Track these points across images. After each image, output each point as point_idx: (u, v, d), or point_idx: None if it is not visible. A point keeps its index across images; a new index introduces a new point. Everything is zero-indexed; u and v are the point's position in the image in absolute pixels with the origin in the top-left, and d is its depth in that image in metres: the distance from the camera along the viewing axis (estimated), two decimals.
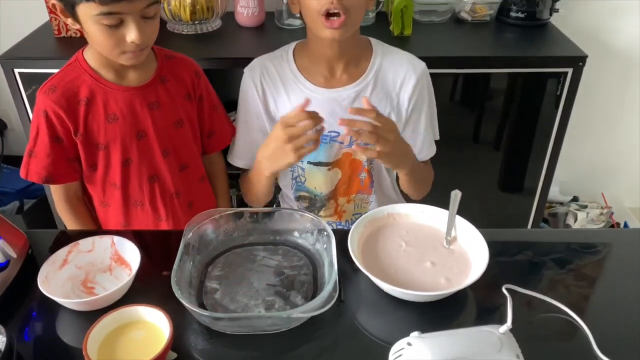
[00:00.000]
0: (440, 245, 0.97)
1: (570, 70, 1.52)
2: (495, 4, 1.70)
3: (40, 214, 1.86)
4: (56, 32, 1.59)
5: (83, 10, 0.95)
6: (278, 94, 1.16)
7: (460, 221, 0.99)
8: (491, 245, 0.92)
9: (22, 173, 1.11)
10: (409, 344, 0.74)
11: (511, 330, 0.77)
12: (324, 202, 1.26)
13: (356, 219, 0.99)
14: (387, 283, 0.86)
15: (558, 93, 1.57)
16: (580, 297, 0.92)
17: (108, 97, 1.07)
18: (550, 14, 1.70)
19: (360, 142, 1.00)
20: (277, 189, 1.35)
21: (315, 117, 0.98)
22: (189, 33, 1.61)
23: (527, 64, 1.55)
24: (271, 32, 1.65)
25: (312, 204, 1.27)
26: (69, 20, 1.01)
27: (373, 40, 1.19)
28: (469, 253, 0.95)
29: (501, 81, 1.60)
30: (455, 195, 1.01)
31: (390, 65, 1.16)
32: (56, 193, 1.16)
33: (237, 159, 1.25)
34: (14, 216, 1.84)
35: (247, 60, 1.49)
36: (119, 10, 0.94)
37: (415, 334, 0.76)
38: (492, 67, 1.56)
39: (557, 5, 1.69)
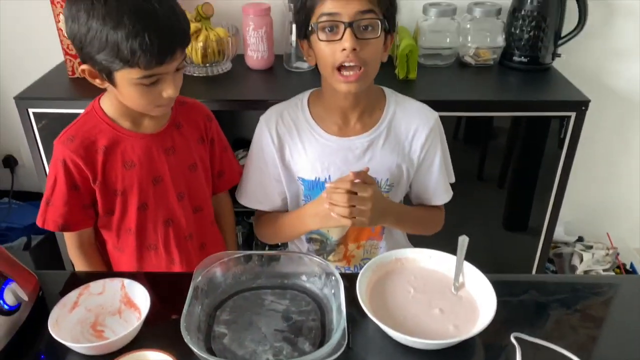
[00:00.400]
0: (449, 291, 0.98)
1: (573, 114, 1.55)
2: (499, 49, 1.74)
3: (47, 250, 1.87)
4: (70, 73, 1.64)
5: (122, 74, 0.97)
6: (293, 143, 1.18)
7: (468, 267, 1.00)
8: (499, 289, 0.92)
9: (38, 221, 1.12)
10: None
11: None
12: (334, 247, 1.27)
13: (364, 264, 1.00)
14: (396, 331, 0.86)
15: (562, 136, 1.59)
16: (587, 338, 0.92)
17: (126, 145, 1.10)
18: (553, 58, 1.74)
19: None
20: None
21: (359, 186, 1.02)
22: (200, 75, 1.65)
23: (530, 108, 1.57)
24: (280, 75, 1.69)
25: (323, 247, 1.28)
26: (97, 81, 1.03)
27: (386, 90, 1.21)
28: (477, 300, 0.96)
29: (505, 122, 1.62)
30: (463, 241, 1.02)
31: (403, 115, 1.18)
32: (70, 239, 1.18)
33: (247, 200, 1.26)
34: (21, 252, 1.84)
35: (257, 103, 1.53)
36: (160, 72, 0.97)
37: None
38: (496, 110, 1.58)
39: (559, 50, 1.73)
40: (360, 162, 1.16)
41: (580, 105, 1.54)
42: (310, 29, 1.06)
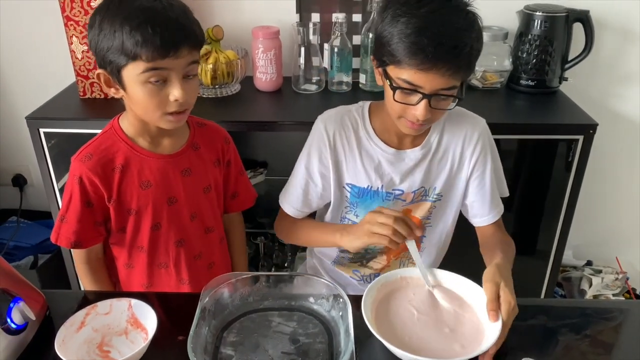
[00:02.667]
0: (453, 311, 0.97)
1: (581, 138, 1.55)
2: (506, 72, 1.75)
3: (54, 269, 1.87)
4: (81, 94, 1.66)
5: (129, 71, 0.98)
6: (350, 149, 1.18)
7: (473, 287, 0.99)
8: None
9: (52, 237, 1.13)
10: None
11: None
12: (376, 254, 1.28)
13: None
14: (402, 350, 0.85)
15: (569, 159, 1.59)
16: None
17: (143, 165, 1.10)
18: (560, 82, 1.75)
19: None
20: None
21: (408, 228, 1.01)
22: (209, 96, 1.67)
23: (538, 131, 1.58)
24: (288, 97, 1.71)
25: (362, 255, 1.28)
26: (112, 91, 1.04)
27: None
28: (482, 320, 0.95)
29: (512, 145, 1.62)
30: (411, 244, 1.02)
31: (452, 124, 1.19)
32: (77, 255, 1.18)
33: (286, 201, 1.25)
34: (28, 271, 1.85)
35: (265, 124, 1.55)
36: (165, 66, 0.97)
37: None
38: (503, 133, 1.58)
39: (566, 73, 1.74)
40: (413, 173, 1.18)
41: (588, 129, 1.54)
42: (388, 79, 1.03)
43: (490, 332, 0.90)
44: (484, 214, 1.23)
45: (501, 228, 1.26)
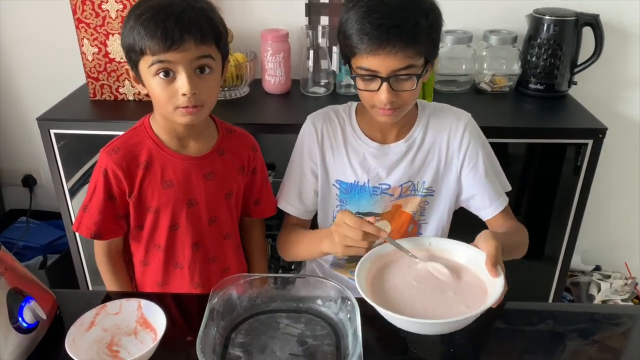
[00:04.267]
0: (451, 276, 0.96)
1: (590, 142, 1.54)
2: (515, 76, 1.75)
3: (63, 269, 1.88)
4: (91, 95, 1.67)
5: (142, 66, 1.02)
6: (337, 145, 1.21)
7: (473, 251, 0.97)
8: (515, 318, 0.91)
9: (74, 226, 1.15)
10: None
11: None
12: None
13: None
14: (404, 316, 0.84)
15: (578, 163, 1.58)
16: None
17: (167, 164, 1.11)
18: (569, 86, 1.74)
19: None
20: None
21: (372, 235, 0.99)
22: (218, 99, 1.67)
23: (546, 135, 1.57)
24: (297, 100, 1.71)
25: (357, 256, 1.28)
26: (140, 87, 1.07)
27: (418, 101, 1.24)
28: (485, 281, 0.93)
29: (520, 149, 1.62)
30: (390, 240, 1.00)
31: (436, 117, 1.21)
32: (98, 246, 1.19)
33: (283, 201, 1.27)
34: (37, 271, 1.86)
35: (273, 127, 1.55)
36: (170, 59, 0.98)
37: None
38: (512, 137, 1.58)
39: (575, 77, 1.73)
40: (398, 167, 1.19)
41: (598, 133, 1.53)
42: (351, 70, 1.09)
43: (493, 288, 0.89)
44: (486, 206, 1.21)
45: (510, 215, 1.24)
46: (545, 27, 1.65)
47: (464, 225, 1.27)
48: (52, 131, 1.56)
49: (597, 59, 1.70)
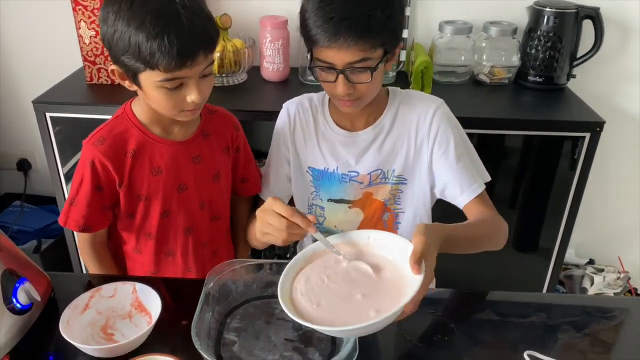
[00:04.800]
0: (373, 275, 0.88)
1: (587, 135, 1.55)
2: (514, 68, 1.75)
3: (57, 254, 1.88)
4: (88, 79, 1.66)
5: (146, 76, 0.98)
6: (308, 132, 1.22)
7: (398, 240, 0.90)
8: (509, 309, 0.91)
9: (60, 221, 1.13)
10: None
11: None
12: None
13: None
14: (301, 319, 0.80)
15: (575, 157, 1.59)
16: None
17: (154, 151, 1.10)
18: (568, 79, 1.74)
19: None
20: None
21: (298, 227, 0.93)
22: (216, 85, 1.66)
23: (544, 127, 1.57)
24: (295, 87, 1.71)
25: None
26: (127, 83, 1.03)
27: (390, 88, 1.23)
28: (404, 275, 0.85)
29: (517, 141, 1.62)
30: (317, 235, 0.94)
31: (406, 104, 1.19)
32: (82, 237, 1.18)
33: (268, 194, 1.26)
34: (31, 255, 1.84)
35: (271, 114, 1.53)
36: (182, 75, 0.97)
37: None
38: (509, 128, 1.58)
39: (574, 71, 1.73)
40: (366, 154, 1.19)
41: (595, 127, 1.54)
42: (310, 60, 1.08)
43: (410, 287, 0.80)
44: (459, 193, 1.16)
45: (486, 204, 1.17)
46: (545, 19, 1.65)
47: (451, 217, 1.25)
48: (48, 114, 1.55)
49: (596, 52, 1.70)
